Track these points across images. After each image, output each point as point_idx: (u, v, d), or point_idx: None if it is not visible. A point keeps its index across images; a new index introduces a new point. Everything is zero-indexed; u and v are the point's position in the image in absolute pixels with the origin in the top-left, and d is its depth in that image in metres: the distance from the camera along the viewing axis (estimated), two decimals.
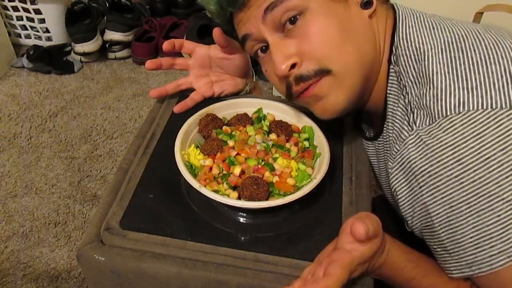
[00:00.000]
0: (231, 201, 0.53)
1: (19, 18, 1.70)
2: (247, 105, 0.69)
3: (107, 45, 1.71)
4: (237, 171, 0.56)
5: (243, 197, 0.54)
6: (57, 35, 1.72)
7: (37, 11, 1.66)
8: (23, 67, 1.63)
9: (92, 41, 1.64)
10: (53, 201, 1.17)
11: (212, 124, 0.64)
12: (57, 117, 1.44)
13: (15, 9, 1.67)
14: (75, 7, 1.65)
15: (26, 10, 1.66)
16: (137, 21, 1.76)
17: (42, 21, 1.68)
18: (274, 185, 0.56)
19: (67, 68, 1.64)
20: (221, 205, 0.56)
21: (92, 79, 1.62)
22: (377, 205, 0.67)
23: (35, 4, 1.64)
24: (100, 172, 1.26)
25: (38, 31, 1.72)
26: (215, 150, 0.60)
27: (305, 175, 0.58)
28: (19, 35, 1.75)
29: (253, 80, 0.79)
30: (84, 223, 1.12)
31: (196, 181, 0.54)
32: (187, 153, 0.60)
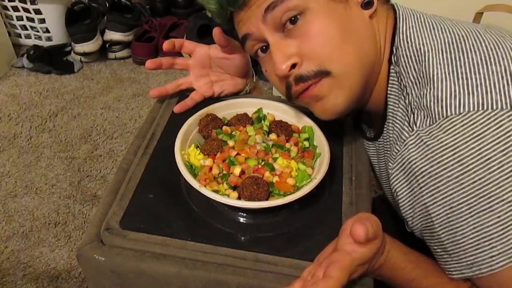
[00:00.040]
0: (231, 201, 0.53)
1: (19, 18, 1.70)
2: (247, 105, 0.69)
3: (107, 45, 1.71)
4: (237, 171, 0.56)
5: (243, 197, 0.54)
6: (57, 35, 1.72)
7: (37, 11, 1.66)
8: (23, 67, 1.63)
9: (92, 41, 1.64)
10: (53, 201, 1.17)
11: (212, 124, 0.64)
12: (57, 117, 1.44)
13: (15, 9, 1.67)
14: (75, 7, 1.65)
15: (26, 10, 1.66)
16: (137, 21, 1.76)
17: (42, 21, 1.68)
18: (274, 185, 0.56)
19: (67, 68, 1.64)
20: (221, 205, 0.56)
21: (92, 79, 1.62)
22: (377, 205, 0.67)
23: (35, 4, 1.64)
24: (100, 172, 1.26)
25: (38, 31, 1.72)
26: (215, 150, 0.60)
27: (305, 175, 0.58)
28: (19, 35, 1.75)
29: (253, 80, 0.79)
30: (84, 223, 1.12)
31: (196, 181, 0.54)
32: (187, 153, 0.60)
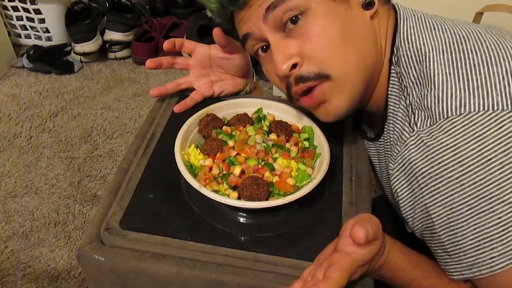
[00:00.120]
0: (231, 201, 0.53)
1: (19, 18, 1.69)
2: (247, 105, 0.69)
3: (107, 45, 1.71)
4: (237, 171, 0.56)
5: (243, 197, 0.54)
6: (57, 35, 1.71)
7: (37, 11, 1.65)
8: (23, 67, 1.63)
9: (92, 41, 1.64)
10: (53, 201, 1.17)
11: (212, 124, 0.64)
12: (57, 117, 1.44)
13: (15, 9, 1.67)
14: (75, 7, 1.65)
15: (26, 10, 1.66)
16: (137, 21, 1.76)
17: (42, 21, 1.68)
18: (274, 185, 0.56)
19: (67, 68, 1.64)
20: (221, 205, 0.56)
21: (92, 79, 1.62)
22: (377, 206, 0.67)
23: (35, 4, 1.64)
24: (100, 172, 1.26)
25: (38, 31, 1.72)
26: (215, 150, 0.60)
27: (305, 175, 0.58)
28: (19, 35, 1.75)
29: (253, 80, 0.78)
30: (84, 223, 1.12)
31: (196, 181, 0.54)
32: (187, 153, 0.60)
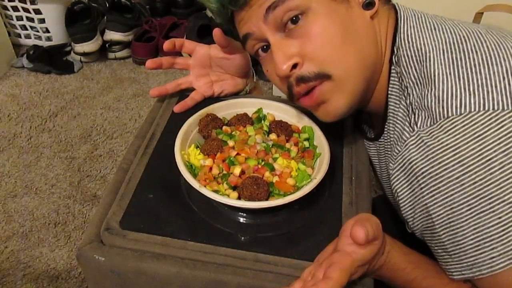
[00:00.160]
0: (231, 201, 0.53)
1: (19, 18, 1.69)
2: (247, 105, 0.69)
3: (107, 45, 1.70)
4: (237, 171, 0.56)
5: (243, 197, 0.54)
6: (57, 35, 1.71)
7: (37, 11, 1.65)
8: (23, 67, 1.63)
9: (92, 41, 1.64)
10: (53, 201, 1.17)
11: (212, 124, 0.64)
12: (57, 117, 1.44)
13: (15, 9, 1.67)
14: (75, 7, 1.65)
15: (26, 10, 1.66)
16: (137, 21, 1.75)
17: (42, 21, 1.68)
18: (274, 185, 0.56)
19: (67, 68, 1.64)
20: (221, 205, 0.56)
21: (92, 79, 1.62)
22: (377, 206, 0.67)
23: (35, 4, 1.64)
24: (100, 172, 1.26)
25: (38, 31, 1.72)
26: (215, 150, 0.60)
27: (305, 175, 0.58)
28: (19, 35, 1.75)
29: (253, 80, 0.78)
30: (84, 223, 1.12)
31: (196, 181, 0.54)
32: (187, 153, 0.60)
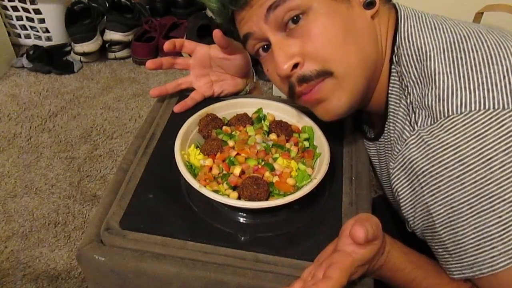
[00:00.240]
0: (231, 201, 0.53)
1: (19, 18, 1.69)
2: (247, 105, 0.69)
3: (107, 45, 1.70)
4: (237, 171, 0.56)
5: (243, 197, 0.54)
6: (57, 35, 1.71)
7: (37, 11, 1.65)
8: (23, 67, 1.63)
9: (92, 41, 1.64)
10: (53, 201, 1.17)
11: (212, 124, 0.64)
12: (57, 117, 1.44)
13: (15, 9, 1.67)
14: (75, 7, 1.65)
15: (26, 10, 1.66)
16: (137, 21, 1.75)
17: (42, 21, 1.68)
18: (274, 185, 0.56)
19: (67, 68, 1.64)
20: (221, 205, 0.56)
21: (92, 79, 1.62)
22: (377, 206, 0.67)
23: (35, 4, 1.64)
24: (100, 172, 1.26)
25: (38, 31, 1.72)
26: (215, 150, 0.60)
27: (305, 175, 0.58)
28: (19, 35, 1.75)
29: (253, 80, 0.78)
30: (84, 223, 1.12)
31: (196, 181, 0.54)
32: (187, 153, 0.60)
